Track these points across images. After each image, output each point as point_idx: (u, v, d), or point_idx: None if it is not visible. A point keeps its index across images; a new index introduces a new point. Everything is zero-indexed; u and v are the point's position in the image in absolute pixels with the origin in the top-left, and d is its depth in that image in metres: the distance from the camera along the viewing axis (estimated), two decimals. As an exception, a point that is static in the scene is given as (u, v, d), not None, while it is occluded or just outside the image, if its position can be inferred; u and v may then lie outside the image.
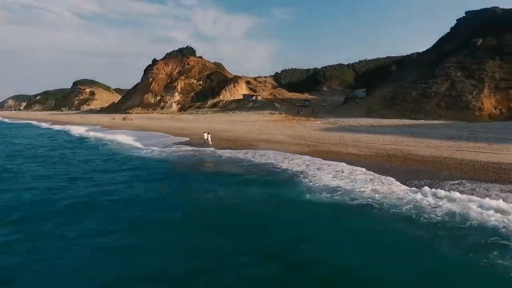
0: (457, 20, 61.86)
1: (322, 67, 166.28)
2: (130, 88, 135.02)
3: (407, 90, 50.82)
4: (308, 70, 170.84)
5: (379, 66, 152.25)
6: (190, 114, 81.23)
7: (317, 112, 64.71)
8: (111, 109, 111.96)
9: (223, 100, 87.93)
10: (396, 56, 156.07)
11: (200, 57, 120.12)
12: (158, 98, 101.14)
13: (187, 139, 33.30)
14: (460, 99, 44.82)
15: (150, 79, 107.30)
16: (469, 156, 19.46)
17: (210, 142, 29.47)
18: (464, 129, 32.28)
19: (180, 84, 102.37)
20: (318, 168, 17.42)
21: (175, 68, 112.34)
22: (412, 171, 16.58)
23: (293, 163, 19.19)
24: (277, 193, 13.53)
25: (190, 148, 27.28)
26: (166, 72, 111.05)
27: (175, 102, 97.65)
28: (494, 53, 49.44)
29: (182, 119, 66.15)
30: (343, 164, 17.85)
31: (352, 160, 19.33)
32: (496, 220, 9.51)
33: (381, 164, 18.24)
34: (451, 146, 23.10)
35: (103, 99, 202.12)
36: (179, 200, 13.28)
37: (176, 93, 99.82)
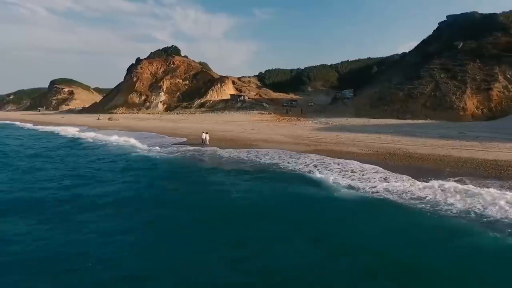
0: (439, 23, 64.43)
1: (305, 68, 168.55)
2: (110, 87, 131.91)
3: (394, 91, 52.58)
4: (291, 70, 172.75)
5: (360, 67, 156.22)
6: (177, 114, 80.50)
7: (306, 112, 65.72)
8: (93, 109, 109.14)
9: (211, 100, 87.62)
10: (377, 58, 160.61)
11: (185, 56, 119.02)
12: (143, 97, 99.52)
13: (185, 139, 33.25)
14: (444, 99, 46.84)
15: (135, 79, 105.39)
16: (465, 154, 20.59)
17: (208, 142, 29.68)
18: (452, 129, 33.83)
19: (165, 84, 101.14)
20: (328, 166, 17.99)
21: (160, 68, 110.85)
22: (417, 168, 17.46)
23: (302, 161, 19.72)
24: (304, 191, 14.03)
25: (192, 148, 27.37)
26: (151, 72, 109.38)
27: (161, 102, 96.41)
28: (474, 55, 51.88)
29: (171, 119, 65.47)
30: (354, 162, 18.50)
31: (358, 158, 20.04)
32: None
33: (386, 162, 19.04)
34: (445, 144, 24.27)
35: (82, 98, 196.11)
36: (204, 199, 13.64)
37: (162, 93, 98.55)
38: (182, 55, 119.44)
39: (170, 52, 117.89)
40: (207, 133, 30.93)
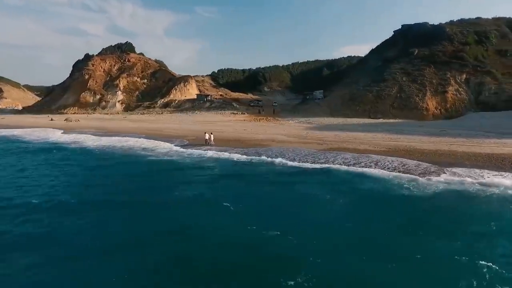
0: (394, 31, 71.11)
1: (258, 68, 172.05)
2: (42, 85, 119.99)
3: (364, 93, 56.98)
4: (243, 70, 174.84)
5: (310, 68, 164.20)
6: (141, 114, 76.79)
7: (277, 112, 67.67)
8: (37, 109, 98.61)
9: (175, 100, 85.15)
10: (323, 60, 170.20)
11: (141, 54, 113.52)
12: (97, 97, 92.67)
13: (186, 141, 32.42)
14: (409, 100, 52.16)
15: (86, 76, 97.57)
16: (464, 149, 23.74)
17: (213, 142, 29.66)
18: (430, 127, 38.14)
19: (122, 82, 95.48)
20: (386, 165, 19.14)
21: (114, 65, 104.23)
22: (440, 163, 19.73)
23: (346, 161, 20.88)
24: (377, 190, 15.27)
25: (205, 148, 26.99)
26: (104, 69, 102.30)
27: (118, 101, 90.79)
28: (428, 62, 58.49)
29: (141, 120, 62.48)
30: (397, 158, 20.28)
31: (389, 155, 21.89)
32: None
33: (409, 157, 21.16)
34: (440, 141, 27.57)
35: (13, 97, 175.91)
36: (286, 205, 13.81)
37: (119, 92, 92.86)
38: (137, 52, 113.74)
39: (124, 48, 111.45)
40: (211, 133, 30.90)
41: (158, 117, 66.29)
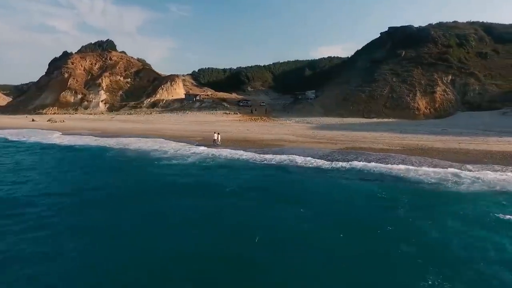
0: (381, 33, 73.35)
1: (239, 67, 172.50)
2: (9, 84, 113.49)
3: (356, 93, 58.43)
4: (224, 70, 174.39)
5: (291, 68, 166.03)
6: (129, 114, 74.61)
7: (269, 112, 67.99)
8: (12, 109, 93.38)
9: (163, 100, 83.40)
10: (307, 60, 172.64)
11: (123, 52, 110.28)
12: (79, 96, 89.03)
13: (196, 142, 31.90)
14: (401, 100, 54.06)
15: (66, 75, 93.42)
16: (473, 147, 24.99)
17: (219, 142, 29.50)
18: (425, 126, 39.75)
19: (105, 82, 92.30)
20: (419, 164, 19.61)
21: (95, 63, 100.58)
22: (461, 161, 20.59)
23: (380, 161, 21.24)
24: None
25: (227, 149, 26.67)
26: (85, 68, 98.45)
27: (101, 101, 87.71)
28: (416, 63, 60.89)
29: (131, 120, 60.74)
30: (423, 158, 20.98)
31: (404, 153, 22.65)
32: None
33: (430, 156, 22.00)
34: (446, 140, 28.85)
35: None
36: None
37: (102, 92, 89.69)
38: (119, 50, 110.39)
39: (106, 46, 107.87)
40: (218, 133, 30.71)
41: (148, 118, 64.68)
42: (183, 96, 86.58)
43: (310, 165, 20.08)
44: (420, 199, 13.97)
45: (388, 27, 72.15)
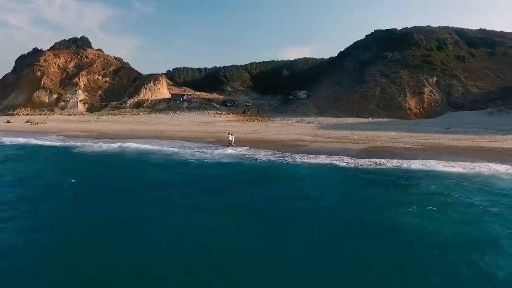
0: (366, 35, 75.97)
1: (214, 67, 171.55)
2: None
3: (349, 93, 60.05)
4: (199, 69, 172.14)
5: (269, 69, 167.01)
6: (113, 115, 71.32)
7: (260, 112, 67.97)
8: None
9: (148, 100, 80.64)
10: (282, 61, 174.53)
11: (100, 49, 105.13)
12: (54, 96, 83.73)
13: (212, 143, 31.27)
14: (393, 101, 56.26)
15: (39, 73, 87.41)
16: (489, 145, 26.53)
17: (233, 143, 29.37)
18: (425, 125, 41.72)
19: (82, 81, 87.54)
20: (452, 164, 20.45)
21: (70, 61, 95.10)
22: (481, 157, 21.57)
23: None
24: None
25: (242, 149, 26.30)
26: (59, 66, 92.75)
27: (80, 101, 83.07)
28: (402, 65, 63.62)
29: (120, 121, 58.18)
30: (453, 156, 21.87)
31: (432, 152, 23.60)
32: None
33: (459, 155, 23.07)
34: (458, 138, 30.36)
35: None
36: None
37: (80, 91, 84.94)
38: (95, 47, 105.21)
39: (80, 43, 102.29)
40: (232, 134, 30.65)
41: (137, 118, 62.23)
42: (168, 96, 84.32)
43: (361, 166, 20.03)
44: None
45: (374, 30, 74.96)
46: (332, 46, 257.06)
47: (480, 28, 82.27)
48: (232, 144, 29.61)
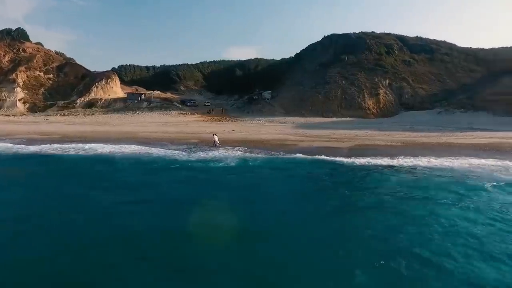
0: (322, 38, 79.83)
1: (163, 65, 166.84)
2: None
3: (313, 94, 62.46)
4: (147, 67, 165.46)
5: (220, 68, 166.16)
6: (62, 115, 64.94)
7: (225, 112, 67.50)
8: None
9: (101, 99, 74.93)
10: (233, 60, 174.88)
11: (39, 43, 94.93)
12: (-13, 94, 73.71)
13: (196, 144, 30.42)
14: (353, 101, 59.86)
15: (-34, 68, 76.25)
16: (459, 141, 29.86)
17: (218, 144, 29.17)
18: (387, 123, 45.30)
19: (21, 77, 78.23)
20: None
21: (4, 56, 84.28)
22: (453, 152, 24.36)
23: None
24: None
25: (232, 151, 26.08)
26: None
27: (19, 100, 74.20)
28: (358, 68, 67.96)
29: (73, 122, 53.34)
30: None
31: (416, 149, 25.85)
32: None
33: (431, 150, 25.60)
34: (426, 136, 33.65)
35: None
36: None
37: (18, 89, 75.78)
38: (33, 41, 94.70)
39: (16, 36, 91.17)
40: (216, 134, 30.40)
41: (93, 119, 57.52)
42: (123, 95, 79.39)
43: (366, 164, 21.08)
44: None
45: (332, 34, 79.01)
46: (274, 46, 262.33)
47: (417, 36, 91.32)
48: (217, 145, 29.15)
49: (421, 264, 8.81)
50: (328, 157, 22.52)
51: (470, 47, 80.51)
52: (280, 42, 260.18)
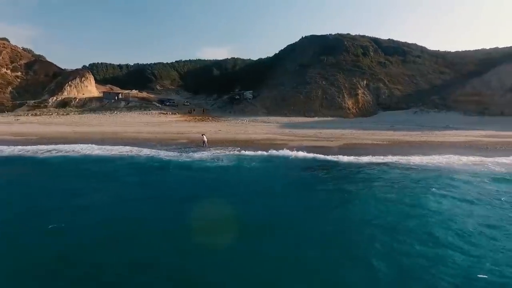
0: (300, 39, 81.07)
1: (137, 63, 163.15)
2: None
3: (294, 94, 63.32)
4: (120, 65, 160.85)
5: (197, 68, 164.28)
6: (34, 115, 61.62)
7: (206, 111, 66.88)
8: None
9: (75, 98, 71.76)
10: (209, 60, 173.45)
11: (5, 39, 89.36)
12: None
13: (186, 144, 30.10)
14: (334, 101, 61.33)
15: None
16: (435, 139, 31.51)
17: (207, 144, 29.18)
18: (368, 123, 46.85)
19: (-15, 75, 73.57)
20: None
21: (-35, 51, 78.86)
22: (438, 150, 25.74)
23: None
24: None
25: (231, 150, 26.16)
26: (-51, 56, 76.08)
27: (-16, 99, 69.71)
28: (337, 69, 69.69)
29: (52, 122, 50.73)
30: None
31: (404, 147, 27.01)
32: None
33: (417, 148, 26.91)
34: (408, 135, 35.16)
35: None
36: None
37: (-17, 87, 71.28)
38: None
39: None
40: (204, 134, 30.32)
41: (68, 119, 55.00)
42: (98, 95, 76.56)
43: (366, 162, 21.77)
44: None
45: (311, 35, 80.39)
46: (248, 46, 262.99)
47: (389, 39, 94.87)
48: (206, 145, 29.00)
49: (417, 256, 9.45)
50: (321, 155, 23.03)
51: (439, 50, 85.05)
52: (254, 43, 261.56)
